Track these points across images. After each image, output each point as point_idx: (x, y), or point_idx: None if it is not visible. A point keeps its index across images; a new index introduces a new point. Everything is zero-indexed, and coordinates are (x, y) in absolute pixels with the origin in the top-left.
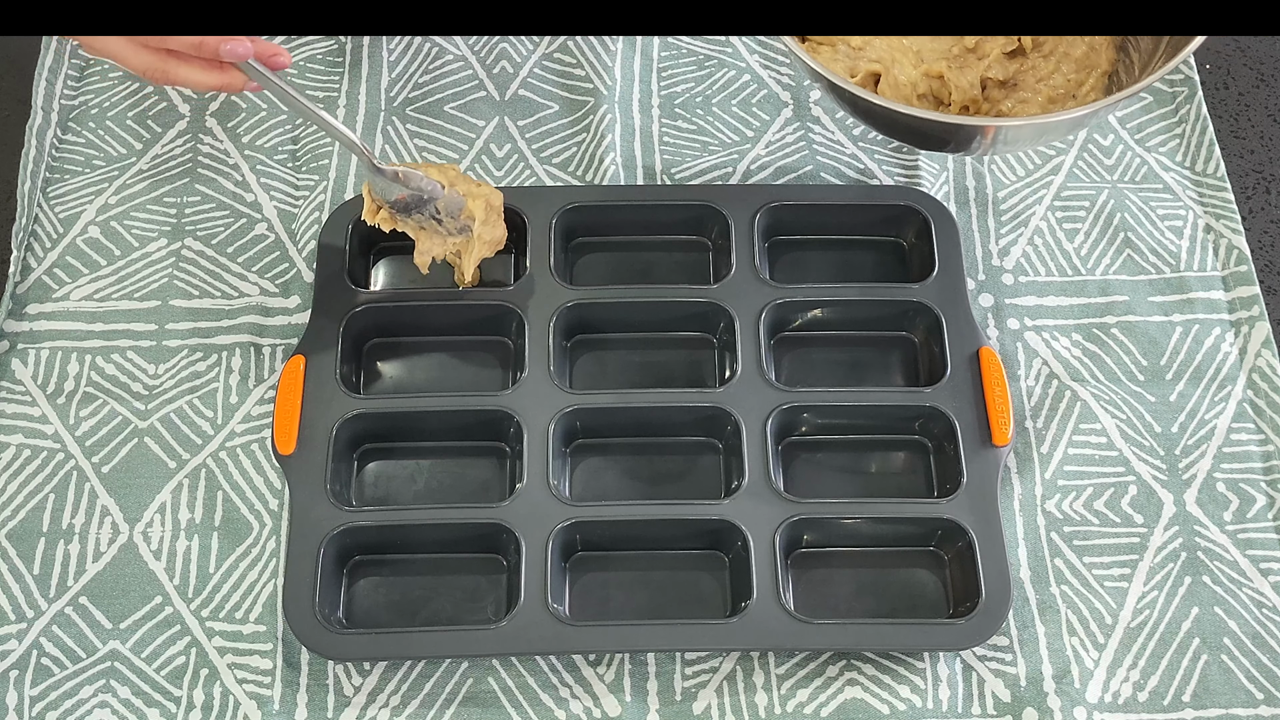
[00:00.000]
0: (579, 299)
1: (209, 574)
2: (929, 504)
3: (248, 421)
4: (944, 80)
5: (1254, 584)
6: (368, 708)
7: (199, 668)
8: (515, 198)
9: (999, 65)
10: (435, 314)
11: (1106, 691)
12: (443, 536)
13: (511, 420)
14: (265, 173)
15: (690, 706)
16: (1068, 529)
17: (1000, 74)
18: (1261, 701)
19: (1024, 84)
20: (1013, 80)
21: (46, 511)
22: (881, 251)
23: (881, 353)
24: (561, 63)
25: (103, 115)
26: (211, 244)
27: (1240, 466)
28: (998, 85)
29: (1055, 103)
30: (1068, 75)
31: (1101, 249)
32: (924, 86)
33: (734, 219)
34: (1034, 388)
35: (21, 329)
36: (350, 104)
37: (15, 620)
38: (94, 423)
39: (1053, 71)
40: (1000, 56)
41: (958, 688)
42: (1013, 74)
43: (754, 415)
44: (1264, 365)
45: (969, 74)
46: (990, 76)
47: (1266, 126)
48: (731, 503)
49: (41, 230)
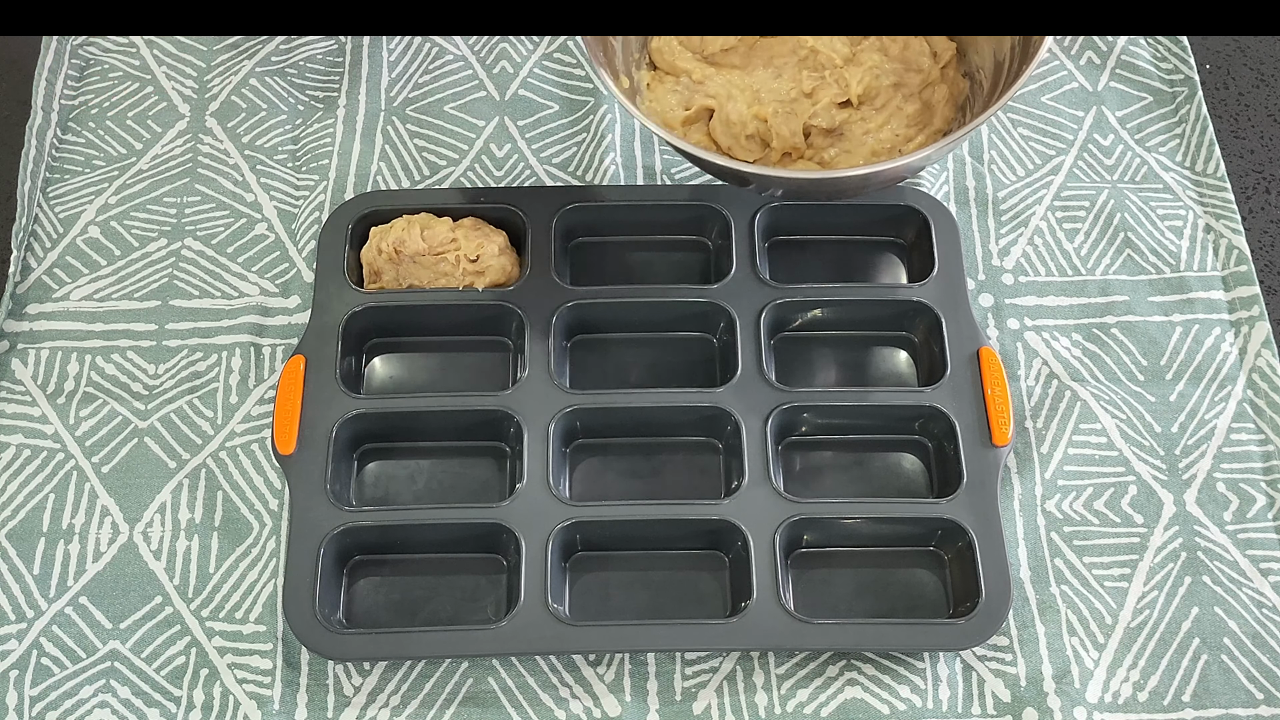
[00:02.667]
0: (579, 299)
1: (209, 574)
2: (929, 504)
3: (248, 421)
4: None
5: (1254, 584)
6: (368, 708)
7: (199, 668)
8: (515, 198)
9: (825, 114)
10: (435, 314)
11: (1106, 691)
12: (443, 536)
13: (511, 420)
14: (265, 173)
15: (690, 706)
16: (1068, 529)
17: (826, 122)
18: (1261, 701)
19: (850, 134)
20: (839, 130)
21: (46, 511)
22: (881, 251)
23: (881, 353)
24: (561, 63)
25: (103, 115)
26: (211, 244)
27: (1240, 466)
28: (823, 133)
29: (878, 155)
30: (896, 130)
31: (1101, 249)
32: (753, 127)
33: (734, 219)
34: (1034, 388)
35: (21, 329)
36: (350, 104)
37: (15, 620)
38: (94, 423)
39: (883, 125)
40: (829, 105)
41: (958, 688)
42: (839, 124)
43: (754, 415)
44: (1264, 365)
45: (793, 121)
46: (815, 124)
47: (1266, 126)
48: (731, 503)
49: (41, 230)
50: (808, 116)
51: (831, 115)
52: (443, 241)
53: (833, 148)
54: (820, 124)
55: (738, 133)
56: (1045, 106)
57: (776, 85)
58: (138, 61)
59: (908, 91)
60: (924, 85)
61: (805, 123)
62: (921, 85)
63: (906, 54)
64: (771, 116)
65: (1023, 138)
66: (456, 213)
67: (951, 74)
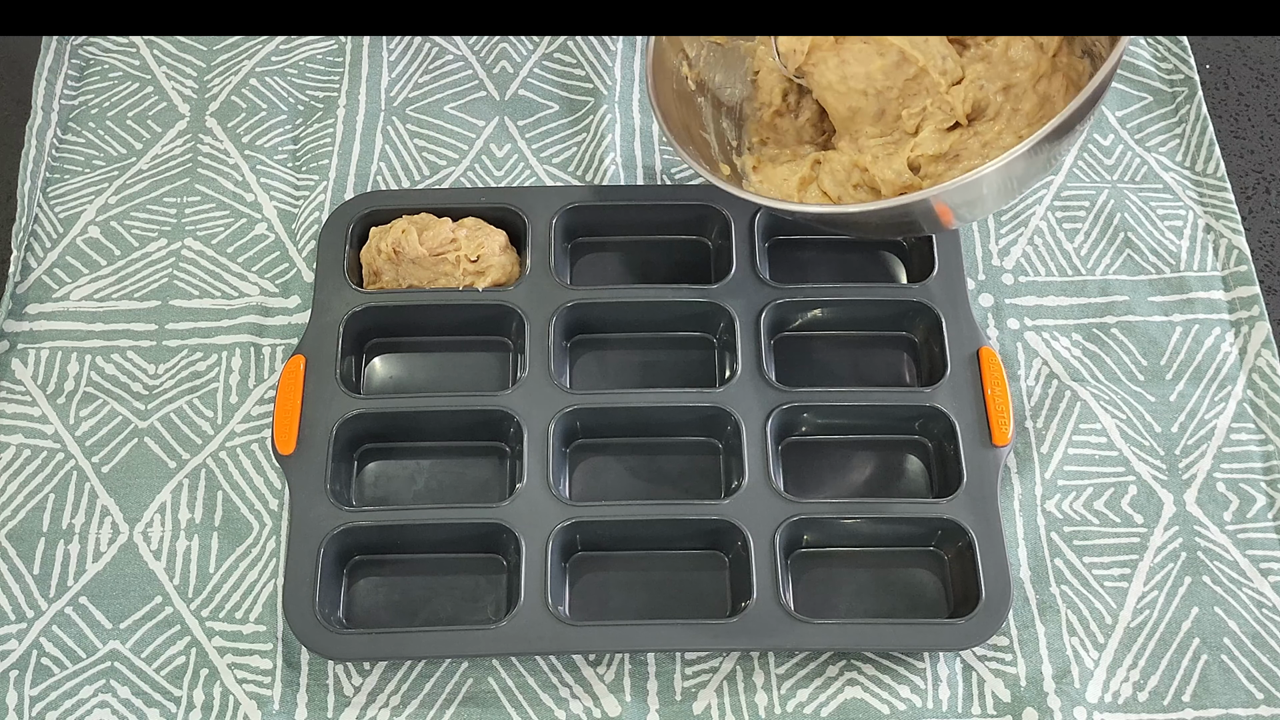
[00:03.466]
0: (579, 299)
1: (209, 574)
2: (929, 504)
3: (248, 421)
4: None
5: (1254, 584)
6: (368, 708)
7: (199, 668)
8: (515, 198)
9: (930, 142)
10: (435, 314)
11: (1106, 691)
12: (443, 536)
13: (511, 420)
14: (265, 173)
15: (690, 706)
16: (1068, 529)
17: (934, 149)
18: (1261, 701)
19: (968, 151)
20: (953, 152)
21: (46, 511)
22: (881, 251)
23: (881, 353)
24: (561, 63)
25: (103, 115)
26: (211, 244)
27: (1240, 466)
28: (935, 159)
29: None
30: (1018, 131)
31: (1101, 249)
32: (857, 177)
33: (734, 219)
34: (1034, 388)
35: (21, 329)
36: (350, 104)
37: (15, 620)
38: (94, 423)
39: (1001, 132)
40: (934, 133)
41: (958, 688)
42: (950, 146)
43: (754, 415)
44: (1264, 365)
45: (895, 161)
46: (921, 154)
47: (1266, 126)
48: (731, 503)
49: (41, 230)
50: (910, 151)
51: (939, 141)
52: (443, 242)
53: (952, 170)
54: (927, 151)
55: (843, 180)
56: None
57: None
58: (138, 61)
59: (1019, 90)
60: (1035, 79)
61: (910, 157)
62: (1033, 80)
63: (1010, 54)
64: (871, 164)
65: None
66: (456, 213)
67: (1065, 59)
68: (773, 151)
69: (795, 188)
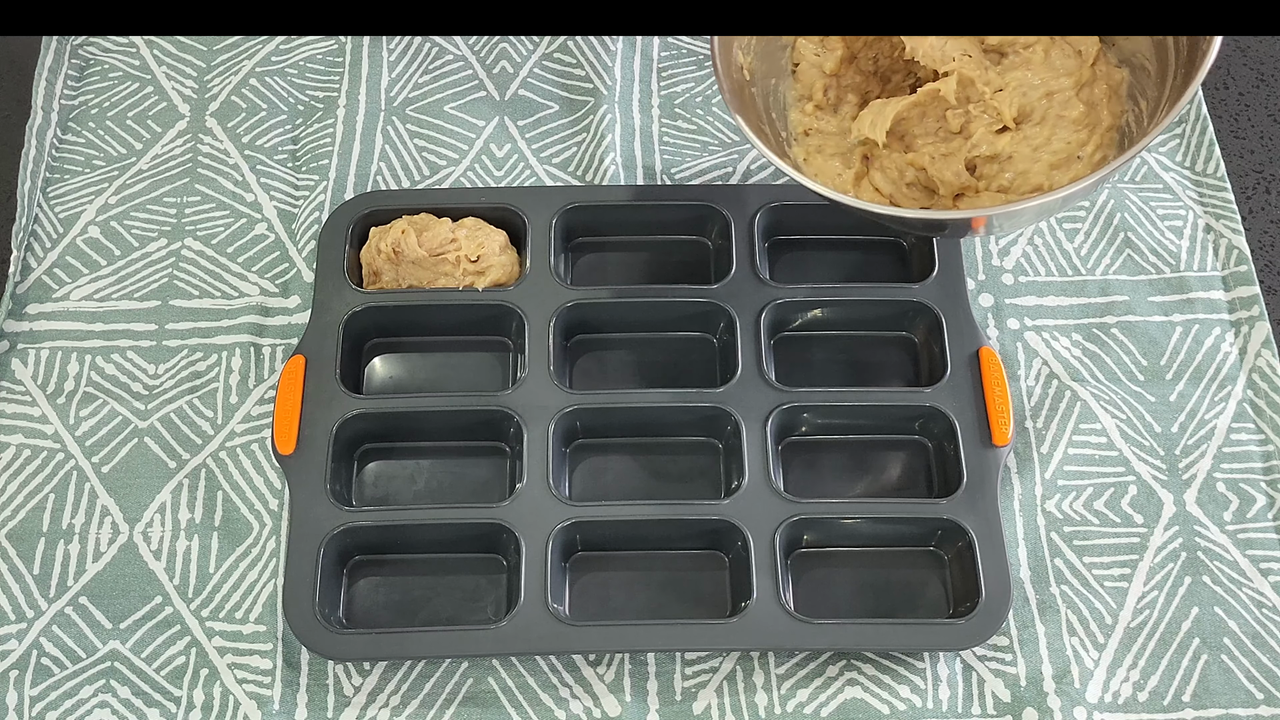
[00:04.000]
0: (579, 299)
1: (209, 574)
2: (929, 504)
3: (248, 421)
4: (928, 172)
5: (1254, 584)
6: (368, 708)
7: (199, 668)
8: (515, 198)
9: (986, 143)
10: (435, 314)
11: (1106, 691)
12: (443, 536)
13: (511, 420)
14: (265, 173)
15: (690, 706)
16: (1068, 529)
17: (989, 150)
18: (1261, 701)
19: (1019, 154)
20: (1006, 154)
21: (46, 511)
22: (881, 251)
23: (881, 353)
24: (561, 63)
25: (103, 115)
26: (211, 244)
27: (1240, 466)
28: (988, 160)
29: (1058, 168)
30: (1066, 138)
31: (1101, 249)
32: (911, 175)
33: (734, 219)
34: (1034, 388)
35: (21, 329)
36: (350, 104)
37: (15, 620)
38: (94, 423)
39: (1049, 137)
40: (986, 134)
41: (958, 688)
42: (1003, 148)
43: (754, 415)
44: (1264, 365)
45: (953, 163)
46: (978, 155)
47: (1266, 126)
48: (731, 503)
49: (41, 230)
50: (968, 151)
51: (993, 143)
52: (443, 242)
53: (1006, 172)
54: (984, 152)
55: (896, 179)
56: None
57: (924, 126)
58: (138, 61)
59: (1064, 97)
60: (1078, 86)
61: (967, 158)
62: (1076, 87)
63: (1050, 60)
64: (929, 164)
65: None
66: (456, 213)
67: (1104, 68)
68: (817, 142)
69: (850, 183)
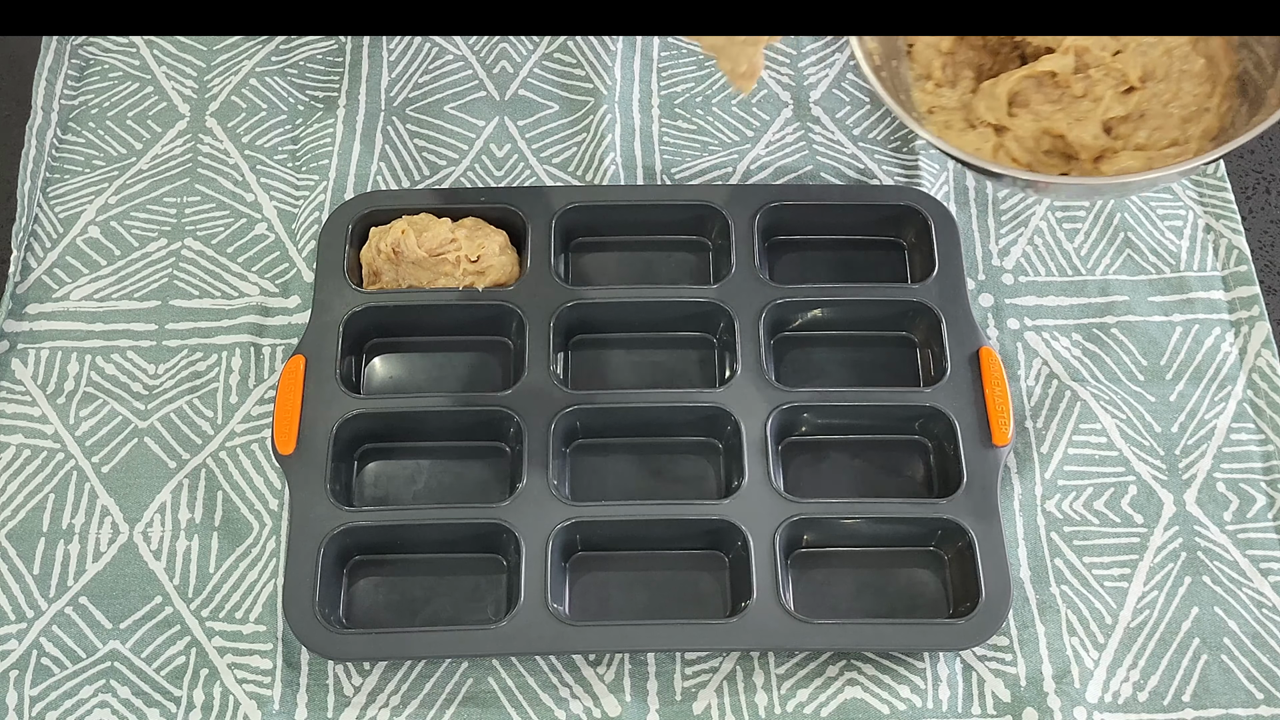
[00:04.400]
0: (579, 299)
1: (209, 574)
2: (929, 504)
3: (248, 421)
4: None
5: (1254, 584)
6: (368, 708)
7: (199, 668)
8: (515, 198)
9: (1118, 103)
10: (435, 314)
11: (1106, 691)
12: (443, 536)
13: (511, 420)
14: (265, 173)
15: (690, 706)
16: (1068, 529)
17: (1122, 110)
18: (1261, 701)
19: (1151, 111)
20: (1138, 111)
21: (46, 511)
22: (881, 251)
23: (881, 353)
24: (561, 63)
25: (103, 115)
26: (211, 244)
27: (1240, 466)
28: (1122, 121)
29: (1189, 121)
30: (1193, 90)
31: (1101, 249)
32: (1048, 143)
33: (734, 219)
34: (1034, 388)
35: (21, 329)
36: (350, 104)
37: (15, 620)
38: (94, 423)
39: (1177, 91)
40: (1115, 96)
41: (958, 688)
42: (1134, 106)
43: (754, 415)
44: (1264, 365)
45: (1090, 125)
46: (1113, 116)
47: None
48: (731, 503)
49: (41, 230)
50: (1103, 113)
51: (1124, 102)
52: (442, 242)
53: (1141, 130)
54: (1117, 113)
55: (1033, 148)
56: None
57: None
58: (138, 61)
59: (1182, 52)
60: (1194, 41)
61: (1103, 120)
62: (1191, 42)
63: None
64: (1067, 130)
65: None
66: (456, 213)
67: None
68: (944, 118)
69: (990, 155)
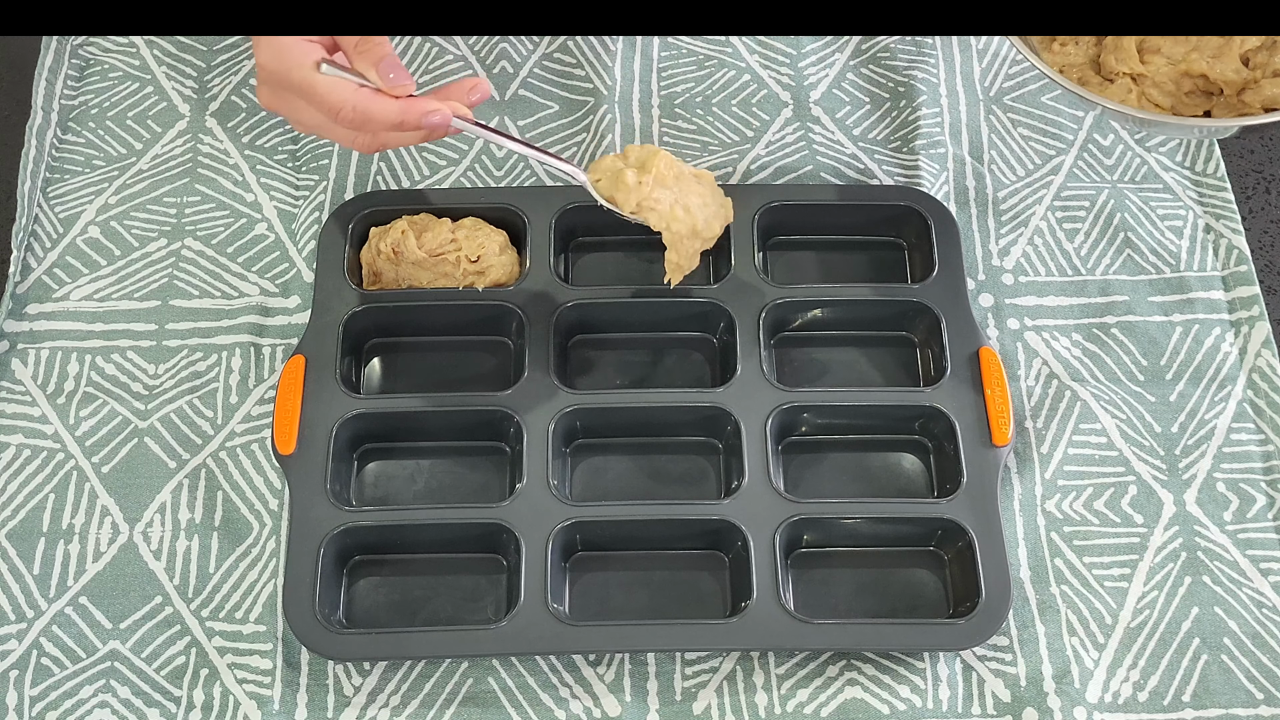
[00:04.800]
0: (579, 299)
1: (209, 574)
2: (929, 504)
3: (248, 421)
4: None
5: (1254, 584)
6: (368, 708)
7: (199, 668)
8: (515, 198)
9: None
10: (435, 314)
11: (1106, 691)
12: (443, 536)
13: (511, 420)
14: (265, 173)
15: (690, 706)
16: (1068, 529)
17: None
18: (1261, 701)
19: None
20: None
21: (46, 511)
22: (881, 251)
23: (881, 353)
24: (561, 63)
25: (103, 115)
26: (211, 244)
27: (1240, 466)
28: (1259, 50)
29: None
30: None
31: (1101, 249)
32: (1188, 85)
33: (734, 219)
34: (1034, 388)
35: (21, 329)
36: None
37: (15, 620)
38: (94, 423)
39: None
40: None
41: (958, 688)
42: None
43: (754, 415)
44: (1264, 365)
45: (1229, 60)
46: (1249, 48)
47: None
48: (731, 503)
49: (41, 230)
50: (1239, 47)
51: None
52: (442, 242)
53: (1277, 56)
54: (1252, 45)
55: (1174, 91)
56: (1045, 106)
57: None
58: (138, 61)
59: None
60: None
61: (1241, 53)
62: None
63: None
64: (1208, 68)
65: (1023, 138)
66: (456, 213)
67: None
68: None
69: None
